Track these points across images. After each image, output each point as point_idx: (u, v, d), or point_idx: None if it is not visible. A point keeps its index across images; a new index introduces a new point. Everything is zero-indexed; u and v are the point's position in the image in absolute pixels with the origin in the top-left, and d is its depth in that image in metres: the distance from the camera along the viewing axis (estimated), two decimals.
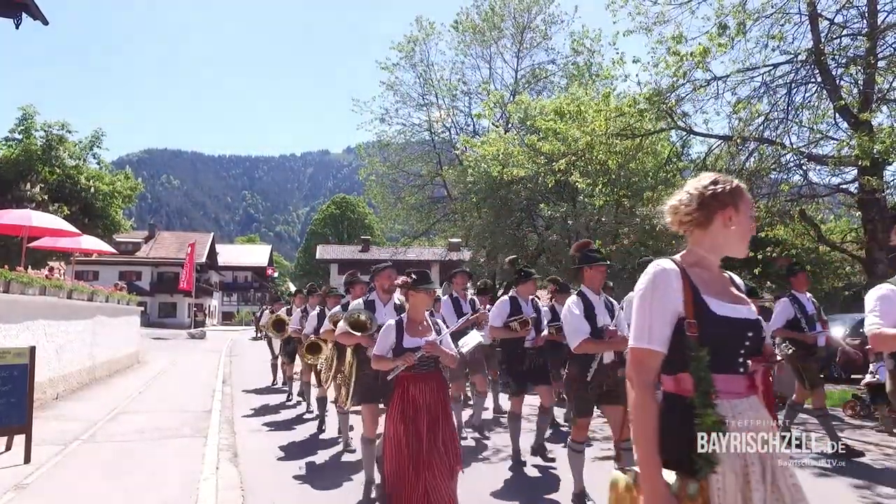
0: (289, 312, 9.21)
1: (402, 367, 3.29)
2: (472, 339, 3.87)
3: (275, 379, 10.59)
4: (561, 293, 6.34)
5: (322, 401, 6.65)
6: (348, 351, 4.57)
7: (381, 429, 3.83)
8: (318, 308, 7.20)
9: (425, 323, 3.52)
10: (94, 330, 10.03)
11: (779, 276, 13.79)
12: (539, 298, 5.47)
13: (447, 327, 3.71)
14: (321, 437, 6.32)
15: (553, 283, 6.76)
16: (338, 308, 5.27)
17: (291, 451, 5.64)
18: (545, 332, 5.33)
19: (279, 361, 10.10)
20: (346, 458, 5.40)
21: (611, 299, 4.13)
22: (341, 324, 4.27)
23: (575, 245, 4.08)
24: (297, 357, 8.19)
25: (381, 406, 4.00)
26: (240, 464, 5.06)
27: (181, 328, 35.47)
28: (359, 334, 4.13)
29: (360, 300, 4.47)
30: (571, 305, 3.83)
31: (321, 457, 5.45)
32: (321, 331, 5.49)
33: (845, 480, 4.59)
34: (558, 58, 20.46)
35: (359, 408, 5.84)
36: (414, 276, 3.47)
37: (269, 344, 11.02)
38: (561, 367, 5.38)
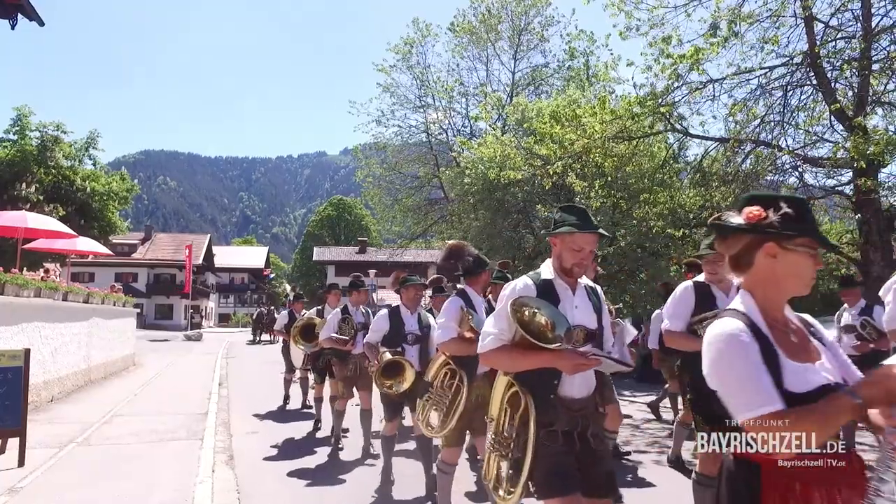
0: (320, 314, 6.90)
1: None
2: None
3: (287, 397, 8.59)
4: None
5: (389, 441, 4.46)
6: (501, 382, 2.31)
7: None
8: (361, 308, 5.70)
9: (803, 330, 1.49)
10: (89, 332, 9.98)
11: None
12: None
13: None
14: (317, 439, 6.30)
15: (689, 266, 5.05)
16: (459, 302, 3.39)
17: (288, 454, 5.62)
18: None
19: (295, 376, 8.48)
20: (343, 461, 5.39)
21: None
22: (495, 324, 2.23)
23: None
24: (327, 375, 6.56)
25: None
26: (236, 466, 5.04)
27: (178, 330, 35.36)
28: (547, 347, 2.05)
29: (527, 281, 2.27)
30: None
31: (318, 460, 5.43)
32: (439, 342, 3.33)
33: None
34: (555, 60, 20.57)
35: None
36: (788, 208, 1.39)
37: (286, 353, 8.60)
38: None
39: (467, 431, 3.56)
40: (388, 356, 4.10)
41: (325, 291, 6.98)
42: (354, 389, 5.63)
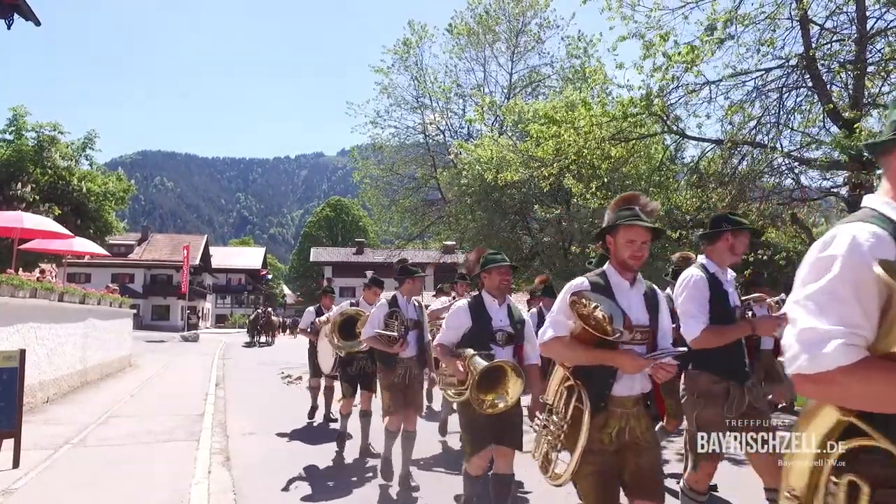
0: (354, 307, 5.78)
1: None
2: None
3: (315, 409, 7.33)
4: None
5: (473, 482, 3.32)
6: (827, 418, 1.19)
7: None
8: (414, 301, 4.58)
9: None
10: (85, 333, 9.95)
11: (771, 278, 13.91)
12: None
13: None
14: (315, 442, 6.29)
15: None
16: (580, 286, 2.36)
17: (284, 456, 5.61)
18: None
19: (322, 384, 7.31)
20: (339, 462, 5.38)
21: None
22: (842, 315, 1.09)
23: None
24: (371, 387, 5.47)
25: None
26: (232, 468, 5.03)
27: (174, 331, 35.26)
28: None
29: (875, 229, 1.14)
30: None
31: (314, 462, 5.42)
32: (539, 342, 2.47)
33: None
34: (553, 61, 20.62)
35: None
36: None
37: (312, 356, 7.23)
38: None
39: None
40: (479, 360, 2.99)
41: (366, 287, 5.69)
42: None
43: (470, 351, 3.11)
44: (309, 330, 7.18)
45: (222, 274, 57.93)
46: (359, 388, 5.56)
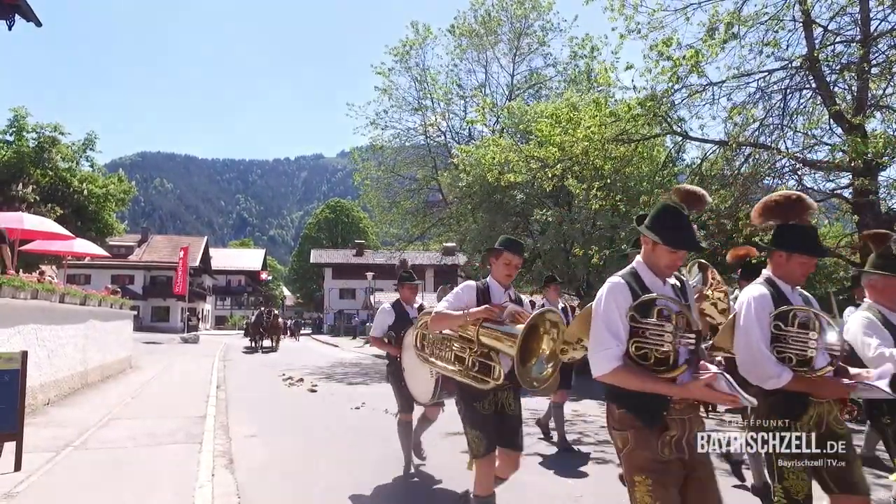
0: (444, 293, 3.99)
1: None
2: None
3: (411, 462, 4.91)
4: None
5: None
6: None
7: None
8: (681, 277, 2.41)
9: None
10: (86, 334, 9.91)
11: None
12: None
13: None
14: (320, 444, 6.25)
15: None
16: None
17: (287, 458, 5.57)
18: None
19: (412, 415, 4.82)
20: (342, 464, 5.34)
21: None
22: None
23: None
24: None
25: None
26: (236, 471, 4.99)
27: (174, 332, 35.21)
28: None
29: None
30: None
31: (317, 464, 5.39)
32: None
33: None
34: (556, 63, 20.63)
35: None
36: None
37: (396, 379, 4.66)
38: None
39: None
40: None
41: (491, 254, 3.32)
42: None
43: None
44: (386, 339, 4.82)
45: (222, 275, 57.91)
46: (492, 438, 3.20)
